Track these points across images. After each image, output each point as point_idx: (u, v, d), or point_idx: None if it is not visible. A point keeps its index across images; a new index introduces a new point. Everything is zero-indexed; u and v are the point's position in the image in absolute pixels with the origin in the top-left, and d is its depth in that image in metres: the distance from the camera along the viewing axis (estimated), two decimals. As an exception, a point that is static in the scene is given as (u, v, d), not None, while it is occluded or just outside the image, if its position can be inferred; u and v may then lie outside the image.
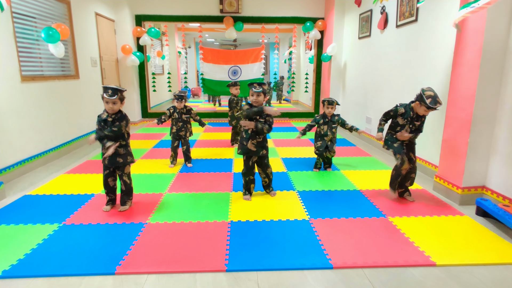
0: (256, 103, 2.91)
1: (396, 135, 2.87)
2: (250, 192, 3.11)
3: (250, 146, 2.94)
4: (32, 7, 4.08)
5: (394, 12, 4.55)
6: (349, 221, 2.64)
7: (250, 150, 2.95)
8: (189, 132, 4.03)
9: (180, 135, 3.98)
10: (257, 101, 2.90)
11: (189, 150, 4.12)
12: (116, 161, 2.68)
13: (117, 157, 2.68)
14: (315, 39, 7.31)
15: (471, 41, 2.83)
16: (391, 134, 2.94)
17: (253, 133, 2.92)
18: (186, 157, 4.11)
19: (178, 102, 3.91)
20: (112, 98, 2.55)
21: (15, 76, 3.70)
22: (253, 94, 2.89)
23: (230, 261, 2.09)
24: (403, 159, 2.86)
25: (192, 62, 15.51)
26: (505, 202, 2.74)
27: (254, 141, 2.94)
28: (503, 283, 1.93)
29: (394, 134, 2.90)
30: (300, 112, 8.20)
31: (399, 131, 2.87)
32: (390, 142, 2.94)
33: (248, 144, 2.94)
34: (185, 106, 4.01)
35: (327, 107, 3.73)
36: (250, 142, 2.93)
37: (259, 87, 2.89)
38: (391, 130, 2.95)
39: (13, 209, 2.84)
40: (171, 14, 7.08)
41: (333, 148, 3.78)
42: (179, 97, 3.91)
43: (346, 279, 1.95)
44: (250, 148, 2.94)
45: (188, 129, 4.02)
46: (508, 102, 2.74)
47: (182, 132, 3.97)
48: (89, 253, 2.16)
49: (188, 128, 4.02)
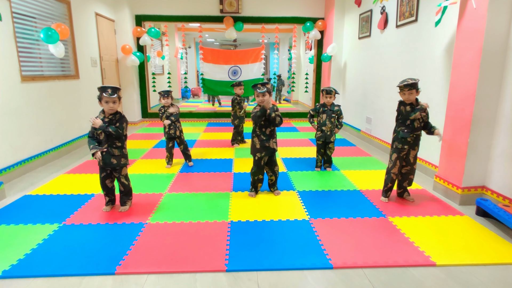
0: (262, 103, 2.94)
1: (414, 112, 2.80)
2: (256, 190, 3.17)
3: (272, 145, 3.02)
4: (32, 7, 4.08)
5: (394, 12, 4.55)
6: (349, 221, 2.64)
7: (274, 149, 3.03)
8: (178, 130, 3.95)
9: (170, 134, 3.93)
10: (263, 101, 2.94)
11: (188, 149, 4.10)
12: (110, 162, 2.66)
13: (111, 157, 2.66)
14: (315, 39, 7.31)
15: (471, 41, 2.84)
16: (401, 131, 2.89)
17: (272, 131, 2.99)
18: (186, 156, 4.10)
19: (164, 99, 3.87)
20: (113, 97, 2.56)
21: (15, 76, 3.70)
22: (258, 95, 2.93)
23: (230, 261, 2.09)
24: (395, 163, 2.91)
25: (192, 62, 15.51)
26: (505, 202, 2.74)
27: (274, 139, 3.03)
28: (503, 283, 1.93)
29: (405, 129, 2.86)
30: (300, 112, 8.20)
31: (409, 125, 2.82)
32: (403, 138, 2.88)
33: (270, 143, 3.00)
34: (171, 104, 3.94)
35: (325, 96, 3.75)
36: (272, 141, 3.01)
37: (263, 87, 2.93)
38: (401, 126, 2.89)
39: (13, 209, 2.84)
40: (171, 14, 7.09)
41: (330, 138, 3.77)
42: (165, 94, 3.87)
43: (346, 279, 1.95)
44: (273, 147, 3.02)
45: (177, 127, 3.93)
46: (508, 102, 2.74)
47: (171, 130, 3.91)
48: (89, 253, 2.16)
49: (177, 126, 3.93)
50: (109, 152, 2.64)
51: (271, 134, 3.01)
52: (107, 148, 2.63)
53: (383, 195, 3.05)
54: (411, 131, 2.84)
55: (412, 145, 2.88)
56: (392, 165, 2.96)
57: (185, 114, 7.72)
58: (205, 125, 7.10)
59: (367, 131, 5.52)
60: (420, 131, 2.87)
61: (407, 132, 2.85)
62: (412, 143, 2.87)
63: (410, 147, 2.88)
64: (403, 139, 2.87)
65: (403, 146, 2.87)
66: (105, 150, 2.62)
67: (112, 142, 2.65)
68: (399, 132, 2.89)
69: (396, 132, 2.93)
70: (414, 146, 2.89)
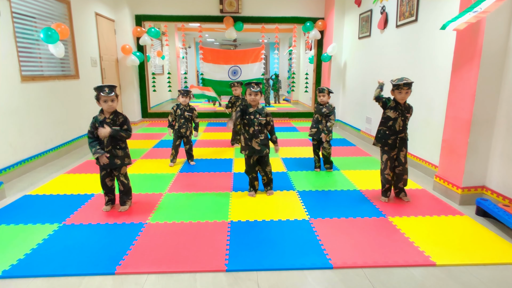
0: (253, 102, 2.97)
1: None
2: (255, 189, 3.18)
3: (254, 145, 2.99)
4: (32, 7, 4.08)
5: (394, 12, 4.55)
6: (349, 221, 2.64)
7: (255, 149, 3.00)
8: (189, 130, 4.04)
9: (181, 133, 3.99)
10: (255, 100, 2.97)
11: (192, 149, 4.16)
12: (114, 163, 2.68)
13: (115, 158, 2.68)
14: (315, 39, 7.31)
15: (471, 41, 2.83)
16: (383, 131, 2.92)
17: (256, 131, 2.96)
18: (189, 155, 4.15)
19: (183, 98, 3.95)
20: (110, 95, 2.58)
21: (15, 76, 3.70)
22: (251, 93, 2.95)
23: (230, 261, 2.09)
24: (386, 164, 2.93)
25: (192, 62, 15.50)
26: (505, 202, 2.74)
27: (257, 139, 2.98)
28: (503, 283, 1.93)
29: (386, 130, 2.89)
30: (300, 112, 8.20)
31: (391, 126, 2.86)
32: (383, 139, 2.91)
33: (252, 143, 2.99)
34: (189, 104, 4.02)
35: (318, 95, 3.77)
36: (254, 141, 2.98)
37: (257, 86, 2.96)
38: (383, 126, 2.93)
39: (13, 209, 2.84)
40: (171, 14, 7.08)
41: (326, 137, 3.72)
42: (185, 93, 3.95)
43: (346, 279, 1.95)
44: (255, 147, 2.99)
45: (189, 128, 4.03)
46: (508, 102, 2.74)
47: (183, 129, 3.98)
48: (89, 253, 2.16)
49: (189, 126, 4.03)
50: (113, 153, 2.66)
51: (254, 134, 2.97)
52: (111, 150, 2.64)
53: (383, 195, 3.05)
54: (392, 133, 2.86)
55: (398, 148, 2.88)
56: (383, 166, 2.98)
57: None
58: (205, 125, 7.10)
59: (367, 131, 5.52)
60: (403, 133, 2.86)
61: (388, 134, 2.87)
62: (398, 147, 2.88)
63: (397, 149, 2.88)
64: (383, 140, 2.90)
65: (384, 147, 2.91)
66: (108, 154, 2.62)
67: (115, 143, 2.66)
68: (379, 131, 2.94)
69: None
70: (402, 148, 2.90)
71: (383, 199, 3.03)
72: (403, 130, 2.86)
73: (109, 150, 2.65)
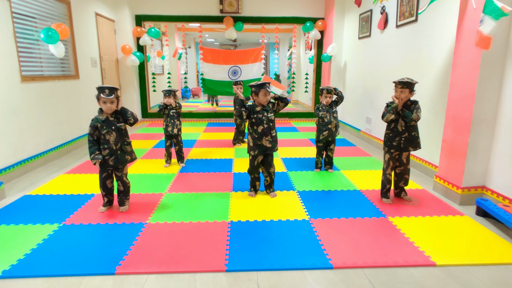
0: (266, 102, 2.95)
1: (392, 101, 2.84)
2: (255, 189, 3.18)
3: (265, 143, 2.96)
4: (32, 7, 4.08)
5: (394, 12, 4.55)
6: (349, 221, 2.64)
7: (266, 147, 2.98)
8: (176, 128, 3.95)
9: (168, 131, 3.94)
10: (268, 100, 2.96)
11: (182, 150, 4.11)
12: (125, 160, 2.71)
13: (125, 155, 2.71)
14: (315, 39, 7.31)
15: (471, 41, 2.83)
16: (388, 134, 2.92)
17: (266, 129, 2.94)
18: (179, 157, 4.11)
19: (166, 98, 3.89)
20: (110, 97, 2.57)
21: (15, 76, 3.70)
22: (266, 93, 2.91)
23: (230, 261, 2.09)
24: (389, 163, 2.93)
25: (192, 62, 15.51)
26: (505, 202, 2.74)
27: (268, 137, 2.96)
28: (503, 283, 1.93)
29: (390, 133, 2.90)
30: (300, 112, 8.20)
31: (394, 128, 2.86)
32: (388, 142, 2.92)
33: (262, 141, 2.96)
34: (176, 102, 3.98)
35: (325, 96, 3.67)
36: (265, 139, 2.96)
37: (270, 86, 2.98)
38: (387, 129, 2.94)
39: (13, 209, 2.84)
40: (171, 14, 7.09)
41: (336, 134, 3.76)
42: (167, 93, 3.90)
43: (346, 279, 1.95)
44: (266, 144, 2.97)
45: (176, 125, 3.94)
46: (508, 102, 2.74)
47: (169, 127, 3.93)
48: (89, 253, 2.16)
49: (176, 124, 3.95)
50: (123, 150, 2.69)
51: (265, 132, 2.95)
52: (121, 147, 2.66)
53: (384, 197, 3.03)
54: (396, 135, 2.86)
55: (402, 149, 2.87)
56: (386, 165, 2.98)
57: (185, 114, 7.71)
58: (205, 125, 7.10)
59: (367, 131, 5.52)
60: (406, 133, 2.84)
61: (392, 136, 2.88)
62: (403, 147, 2.86)
63: (400, 150, 2.88)
64: (389, 143, 2.90)
65: (390, 149, 2.91)
66: (101, 159, 2.62)
67: (123, 140, 2.68)
68: (385, 135, 2.95)
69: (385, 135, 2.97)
70: (407, 148, 2.87)
71: (386, 200, 3.00)
72: (406, 130, 2.84)
73: (119, 147, 2.66)
